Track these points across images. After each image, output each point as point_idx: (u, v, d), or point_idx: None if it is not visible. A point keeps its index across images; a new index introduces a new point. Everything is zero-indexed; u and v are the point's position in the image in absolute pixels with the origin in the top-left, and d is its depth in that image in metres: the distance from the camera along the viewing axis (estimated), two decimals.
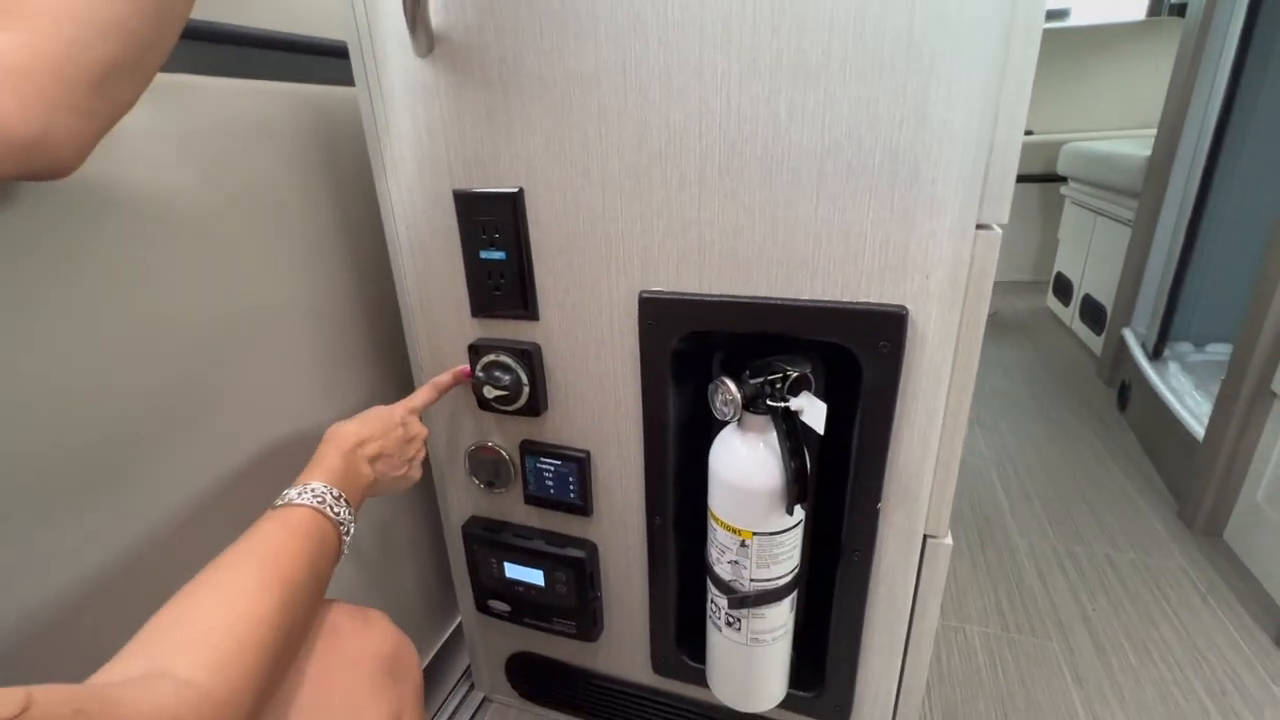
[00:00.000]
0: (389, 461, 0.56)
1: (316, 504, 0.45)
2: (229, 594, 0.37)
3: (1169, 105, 1.58)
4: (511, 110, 0.54)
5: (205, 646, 0.33)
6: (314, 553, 0.43)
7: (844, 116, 0.46)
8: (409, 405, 0.61)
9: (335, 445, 0.52)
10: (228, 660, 0.33)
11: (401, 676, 0.44)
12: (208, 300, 0.55)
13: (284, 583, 0.39)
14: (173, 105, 0.51)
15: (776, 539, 0.55)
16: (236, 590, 0.38)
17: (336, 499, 0.47)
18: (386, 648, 0.45)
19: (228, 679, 0.33)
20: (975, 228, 0.47)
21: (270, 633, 0.36)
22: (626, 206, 0.54)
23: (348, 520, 0.48)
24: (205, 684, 0.32)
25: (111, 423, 0.48)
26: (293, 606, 0.39)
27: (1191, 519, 1.21)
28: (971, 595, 1.08)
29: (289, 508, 0.45)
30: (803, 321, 0.52)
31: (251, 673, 0.34)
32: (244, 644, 0.35)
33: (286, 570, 0.40)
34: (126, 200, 0.48)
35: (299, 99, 0.63)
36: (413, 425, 0.60)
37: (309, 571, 0.42)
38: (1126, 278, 1.75)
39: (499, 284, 0.61)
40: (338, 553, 0.47)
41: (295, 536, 0.43)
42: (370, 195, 0.64)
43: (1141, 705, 0.87)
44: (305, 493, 0.46)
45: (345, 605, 0.46)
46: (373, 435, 0.54)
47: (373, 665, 0.43)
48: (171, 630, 0.35)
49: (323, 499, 0.46)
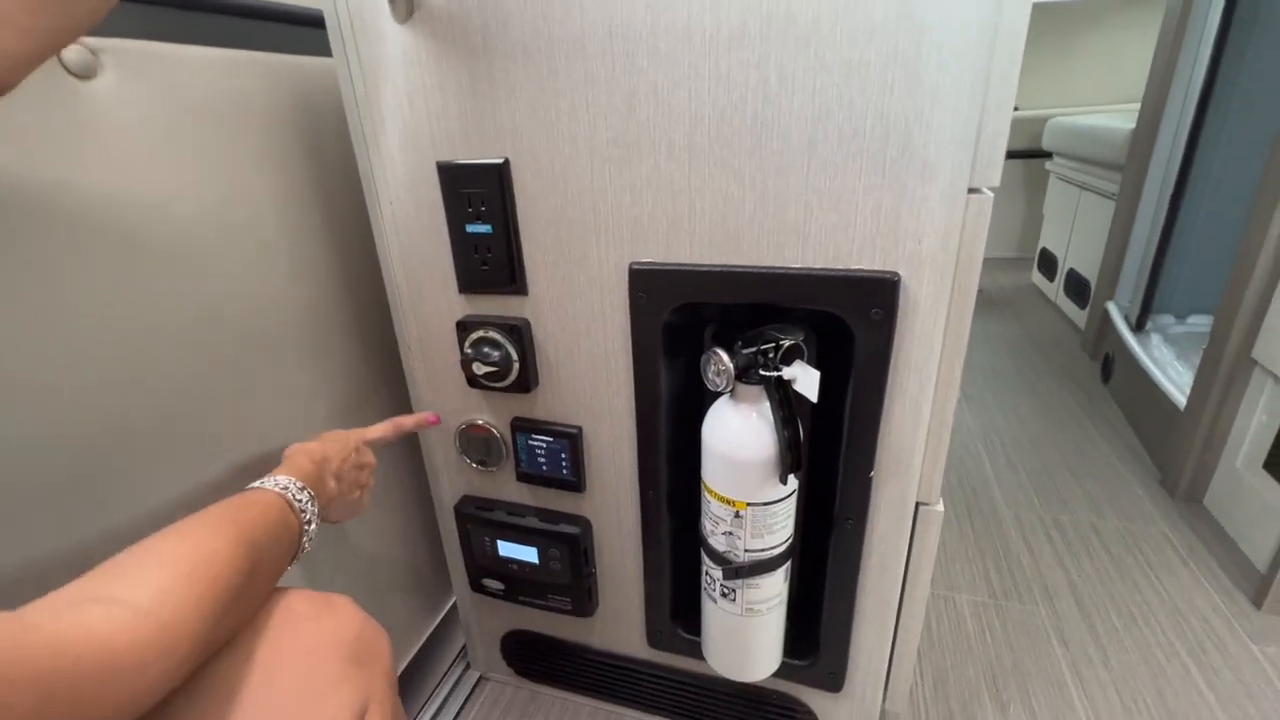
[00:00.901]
0: (344, 483, 0.57)
1: (279, 490, 0.47)
2: (183, 533, 0.37)
3: (1153, 78, 1.59)
4: (495, 78, 0.53)
5: (151, 573, 0.33)
6: (275, 526, 0.44)
7: (835, 80, 0.45)
8: (364, 435, 0.62)
9: (304, 453, 0.54)
10: (174, 587, 0.33)
11: (367, 662, 0.42)
12: (181, 284, 0.53)
13: (241, 533, 0.39)
14: (140, 74, 0.49)
15: (770, 509, 0.55)
16: (191, 530, 0.38)
17: (300, 489, 0.49)
18: (349, 632, 0.43)
19: (172, 604, 0.32)
20: (967, 192, 0.47)
21: (223, 570, 0.36)
22: (615, 176, 0.53)
23: (310, 511, 0.49)
24: (146, 605, 0.31)
25: (89, 418, 0.47)
26: (250, 558, 0.39)
27: (1173, 486, 1.23)
28: (960, 565, 1.10)
29: (255, 490, 0.47)
30: (795, 290, 0.52)
31: (200, 604, 0.33)
32: (193, 575, 0.34)
33: (245, 527, 0.40)
34: (91, 180, 0.46)
35: (274, 70, 0.61)
36: (365, 453, 0.61)
37: (269, 538, 0.42)
38: (1110, 252, 1.76)
39: (486, 258, 0.60)
40: (298, 538, 0.47)
41: (257, 508, 0.44)
42: (351, 169, 0.63)
43: (1125, 666, 0.89)
44: (268, 480, 0.48)
45: (305, 591, 0.44)
46: (333, 455, 0.56)
47: (334, 652, 0.41)
48: (124, 563, 0.34)
49: (286, 488, 0.48)
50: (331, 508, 0.55)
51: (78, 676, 0.26)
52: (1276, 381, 1.01)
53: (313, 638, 0.41)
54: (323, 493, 0.52)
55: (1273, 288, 1.01)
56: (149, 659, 0.30)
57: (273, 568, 0.43)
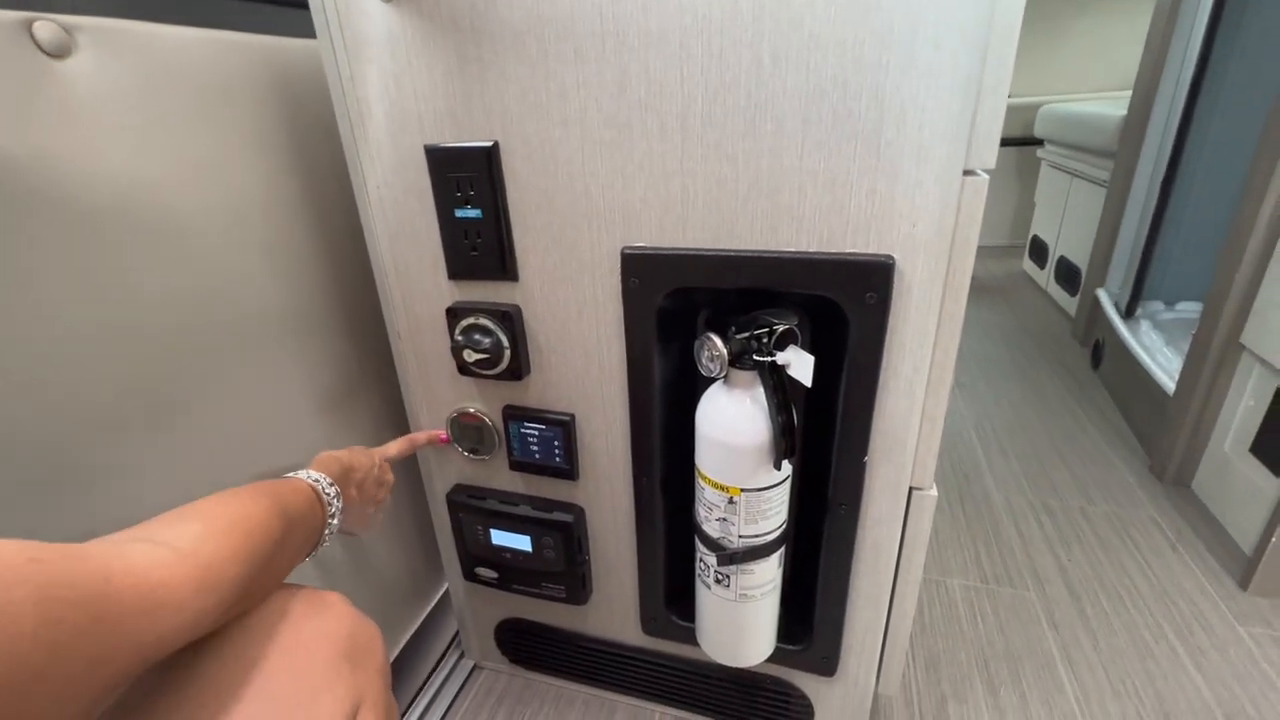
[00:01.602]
0: (363, 495, 0.59)
1: (311, 481, 0.49)
2: (223, 497, 0.40)
3: (1144, 65, 1.58)
4: (484, 59, 0.52)
5: (193, 523, 0.35)
6: (305, 509, 0.46)
7: (829, 60, 0.45)
8: (385, 453, 0.65)
9: (333, 459, 0.56)
10: (215, 532, 0.35)
11: (361, 660, 0.42)
12: (160, 269, 0.52)
13: (276, 504, 0.42)
14: (116, 54, 0.48)
15: (764, 495, 0.55)
16: (231, 495, 0.40)
17: (330, 484, 0.51)
18: (341, 630, 0.42)
19: (213, 548, 0.34)
20: (962, 174, 0.46)
21: (259, 529, 0.39)
22: (607, 159, 0.52)
23: (335, 507, 0.51)
24: (189, 548, 0.33)
25: (76, 409, 0.46)
26: (282, 527, 0.41)
27: (1161, 470, 1.24)
28: (952, 550, 1.10)
29: (292, 478, 0.49)
30: (788, 274, 0.51)
31: (236, 553, 0.36)
32: (232, 529, 0.37)
33: (280, 501, 0.43)
34: (65, 161, 0.45)
35: (256, 51, 0.60)
36: (386, 471, 0.64)
37: (299, 517, 0.45)
38: (1101, 239, 1.77)
39: (476, 244, 0.59)
40: (320, 530, 0.49)
41: (290, 490, 0.46)
42: (337, 153, 0.62)
43: (1114, 649, 0.90)
44: (301, 473, 0.50)
45: (297, 589, 0.44)
46: (359, 466, 0.59)
47: (327, 650, 0.40)
48: (163, 518, 0.37)
49: (318, 480, 0.50)
50: (348, 515, 0.56)
51: (123, 604, 0.28)
52: (1264, 366, 1.02)
53: (304, 637, 0.41)
54: (345, 497, 0.54)
55: (1261, 273, 1.02)
56: (186, 595, 0.32)
57: (296, 548, 0.45)
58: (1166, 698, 0.83)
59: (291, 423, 0.66)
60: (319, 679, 0.39)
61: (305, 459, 0.55)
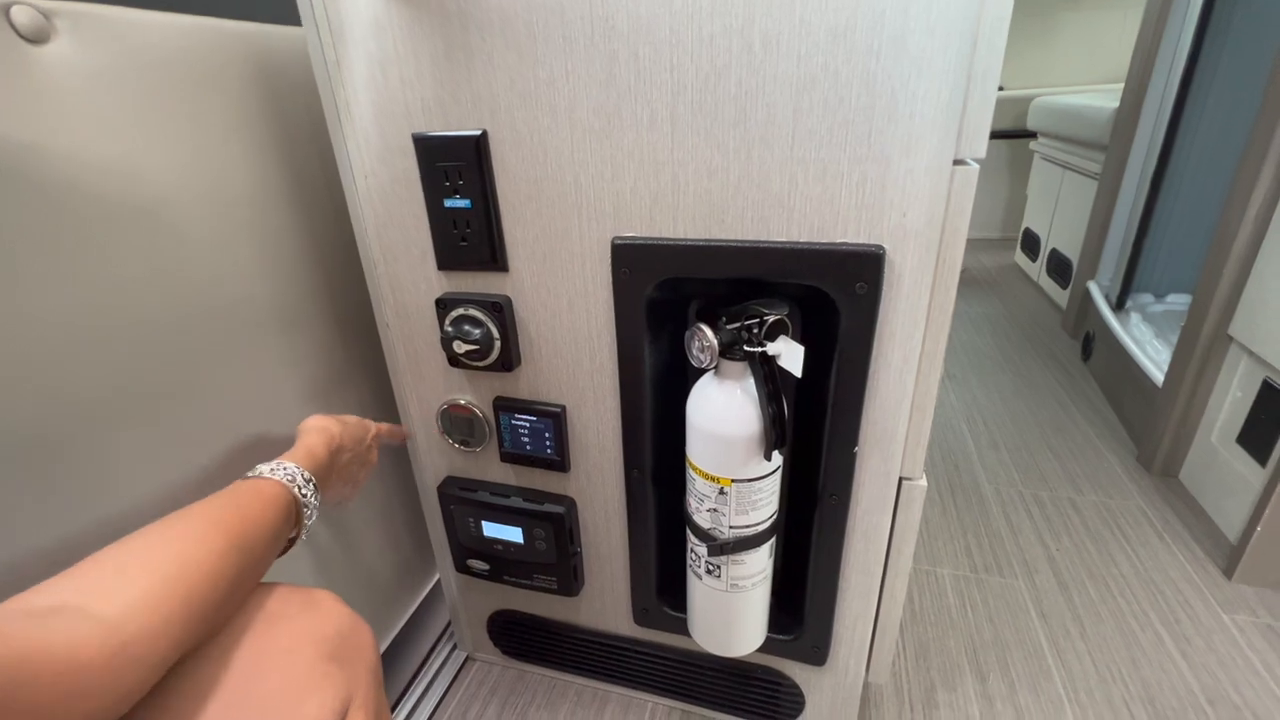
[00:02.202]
0: (342, 477, 0.58)
1: (287, 480, 0.46)
2: (170, 538, 0.36)
3: (1136, 57, 1.59)
4: (471, 45, 0.51)
5: (128, 583, 0.32)
6: (272, 523, 0.43)
7: (820, 47, 0.44)
8: (381, 431, 0.64)
9: (321, 437, 0.53)
10: (149, 600, 0.32)
11: (350, 660, 0.41)
12: (140, 257, 0.51)
13: (232, 537, 0.39)
14: (96, 39, 0.47)
15: (755, 485, 0.55)
16: (179, 536, 0.37)
17: (307, 482, 0.48)
18: (330, 629, 0.41)
19: (143, 619, 0.31)
20: (952, 164, 0.46)
21: (204, 579, 0.35)
22: (596, 148, 0.52)
23: (313, 504, 0.48)
24: (116, 620, 0.30)
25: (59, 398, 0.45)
26: (238, 564, 0.38)
27: (1149, 461, 1.25)
28: (942, 540, 1.11)
29: (259, 479, 0.45)
30: (779, 265, 0.51)
31: (172, 617, 0.33)
32: (172, 588, 0.34)
33: (237, 529, 0.40)
34: (44, 148, 0.44)
35: (239, 37, 0.59)
36: (373, 452, 0.63)
37: (263, 537, 0.42)
38: (1092, 231, 1.77)
39: (465, 234, 0.58)
40: (294, 533, 0.47)
41: (256, 503, 0.43)
42: (323, 142, 0.61)
43: (1101, 637, 0.91)
44: (279, 469, 0.47)
45: (286, 587, 0.43)
46: (351, 446, 0.57)
47: (314, 650, 0.40)
48: (101, 565, 0.34)
49: (294, 478, 0.47)
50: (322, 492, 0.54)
51: (38, 690, 0.26)
52: (1252, 357, 1.03)
53: (293, 636, 0.40)
54: (326, 480, 0.53)
55: (1250, 266, 1.03)
56: (115, 672, 0.29)
57: (261, 565, 0.42)
58: (1151, 683, 0.84)
59: (278, 412, 0.65)
60: (305, 680, 0.38)
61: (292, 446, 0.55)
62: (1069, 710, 0.81)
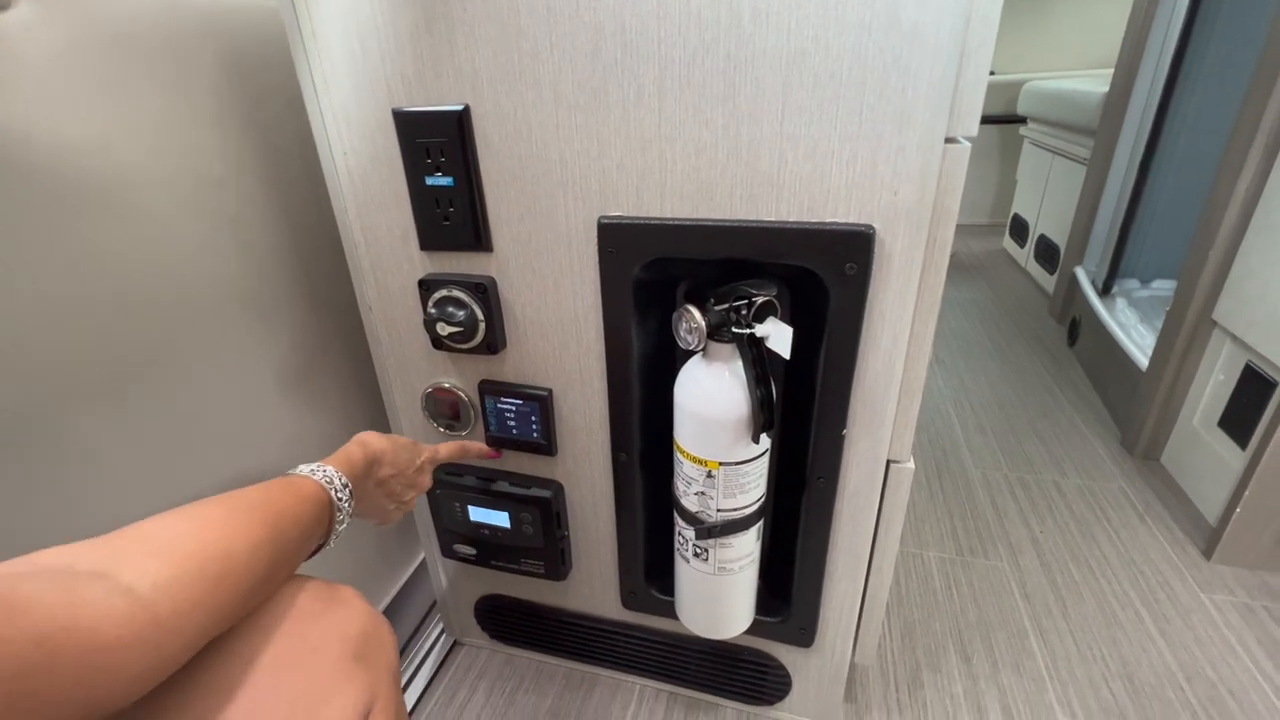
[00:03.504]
0: (383, 490, 0.56)
1: (325, 482, 0.46)
2: (210, 522, 0.36)
3: (1126, 42, 1.58)
4: (452, 16, 0.49)
5: (164, 560, 0.32)
6: (308, 521, 0.43)
7: (811, 19, 0.43)
8: (435, 455, 0.62)
9: (363, 450, 0.52)
10: (182, 580, 0.32)
11: (373, 660, 0.40)
12: (106, 235, 0.50)
13: (269, 529, 0.38)
14: (59, 7, 0.45)
15: (743, 468, 0.54)
16: (218, 521, 0.36)
17: (344, 487, 0.48)
18: (354, 628, 0.41)
19: (175, 599, 0.31)
20: (944, 141, 0.45)
21: (238, 569, 0.35)
22: (582, 124, 0.51)
23: (346, 510, 0.48)
24: (148, 596, 0.30)
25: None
26: (272, 557, 0.38)
27: (1132, 444, 1.27)
28: (929, 523, 1.12)
29: (297, 477, 0.45)
30: (768, 244, 0.50)
31: (202, 602, 0.32)
32: (204, 571, 0.33)
33: (275, 521, 0.39)
34: (14, 125, 0.42)
35: (212, 11, 0.57)
36: (425, 475, 0.61)
37: (299, 533, 0.41)
38: (1080, 217, 1.78)
39: (448, 213, 0.57)
40: (327, 534, 0.46)
41: (293, 498, 0.42)
42: (300, 118, 0.59)
43: (1083, 616, 0.93)
44: (318, 471, 0.47)
45: (313, 582, 0.43)
46: (393, 463, 0.55)
47: (339, 649, 0.39)
48: (140, 536, 0.33)
49: (331, 481, 0.47)
50: (361, 505, 0.53)
51: (55, 670, 0.25)
52: (1234, 341, 1.04)
53: (318, 635, 0.39)
54: (361, 491, 0.51)
55: (1234, 250, 1.03)
56: (135, 654, 0.28)
57: (293, 561, 0.42)
58: (1130, 661, 0.85)
59: (255, 395, 0.64)
60: (330, 680, 0.37)
61: (269, 433, 0.54)
62: (1050, 688, 0.82)
